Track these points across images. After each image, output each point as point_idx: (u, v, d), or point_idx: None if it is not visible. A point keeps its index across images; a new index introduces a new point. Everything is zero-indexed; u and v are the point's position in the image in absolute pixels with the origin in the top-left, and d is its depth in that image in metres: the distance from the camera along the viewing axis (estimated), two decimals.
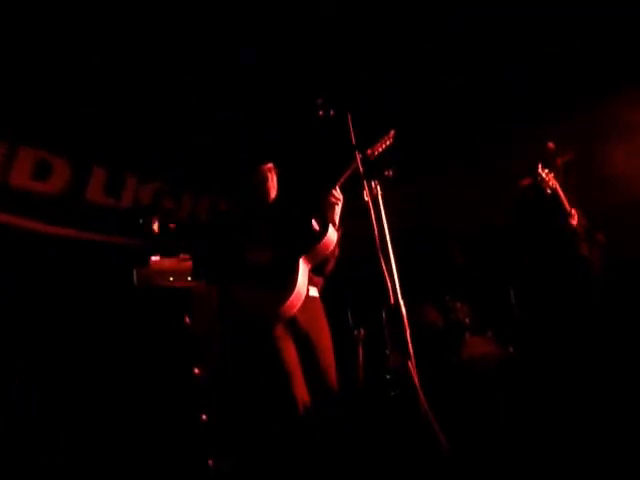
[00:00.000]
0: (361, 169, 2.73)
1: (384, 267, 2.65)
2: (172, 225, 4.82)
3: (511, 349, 5.52)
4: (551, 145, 4.64)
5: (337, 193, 3.44)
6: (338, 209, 3.48)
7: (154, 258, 4.49)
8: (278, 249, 3.38)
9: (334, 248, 3.51)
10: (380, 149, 3.35)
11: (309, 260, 3.41)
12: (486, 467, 3.59)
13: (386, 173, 2.91)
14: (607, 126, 5.88)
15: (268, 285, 3.30)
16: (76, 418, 4.12)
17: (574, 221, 4.64)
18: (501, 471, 3.61)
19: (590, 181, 5.44)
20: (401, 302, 2.66)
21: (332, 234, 3.45)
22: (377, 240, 2.66)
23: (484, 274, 5.85)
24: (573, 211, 4.66)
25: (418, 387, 2.63)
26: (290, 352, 3.29)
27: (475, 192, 5.99)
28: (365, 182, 2.74)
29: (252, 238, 3.43)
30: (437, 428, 2.60)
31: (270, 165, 3.63)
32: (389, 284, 2.65)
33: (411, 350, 2.64)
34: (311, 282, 3.47)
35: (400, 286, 2.67)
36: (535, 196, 4.70)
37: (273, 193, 3.64)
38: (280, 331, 3.31)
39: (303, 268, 3.36)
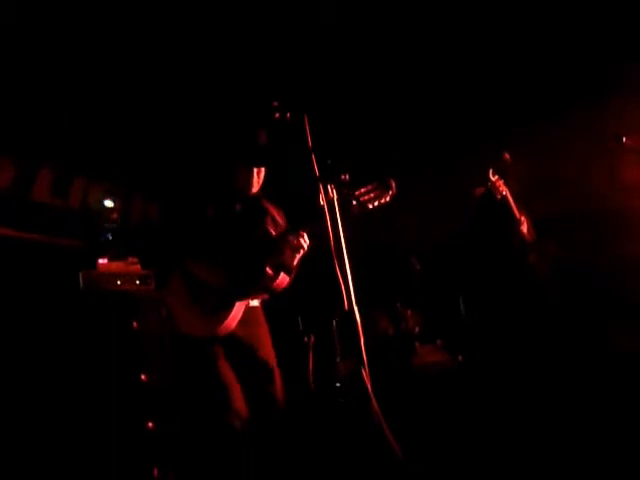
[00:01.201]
0: (317, 172, 2.69)
1: (339, 272, 2.61)
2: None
3: (460, 358, 5.57)
4: (506, 155, 4.70)
5: (303, 240, 3.34)
6: (299, 255, 3.39)
7: (101, 261, 4.38)
8: (225, 277, 3.32)
9: (283, 289, 3.48)
10: (375, 201, 3.26)
11: (252, 296, 3.41)
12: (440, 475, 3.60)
13: (342, 177, 2.88)
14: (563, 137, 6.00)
15: (202, 305, 3.26)
16: (15, 424, 3.97)
17: (523, 228, 4.72)
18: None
19: (543, 190, 5.54)
20: (355, 309, 2.63)
21: (283, 280, 3.42)
22: (332, 245, 2.62)
23: (436, 283, 5.89)
24: (522, 218, 4.73)
25: (371, 395, 2.60)
26: (226, 367, 3.26)
27: (432, 201, 6.03)
28: (321, 185, 2.70)
29: (204, 250, 3.35)
30: (390, 437, 2.58)
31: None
32: (343, 290, 2.62)
33: (365, 358, 2.60)
34: (254, 297, 3.47)
35: (354, 293, 2.64)
36: (486, 203, 4.75)
37: (255, 189, 3.54)
38: (218, 348, 3.28)
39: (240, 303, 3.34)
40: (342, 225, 2.65)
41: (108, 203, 5.31)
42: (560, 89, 5.96)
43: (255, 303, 3.50)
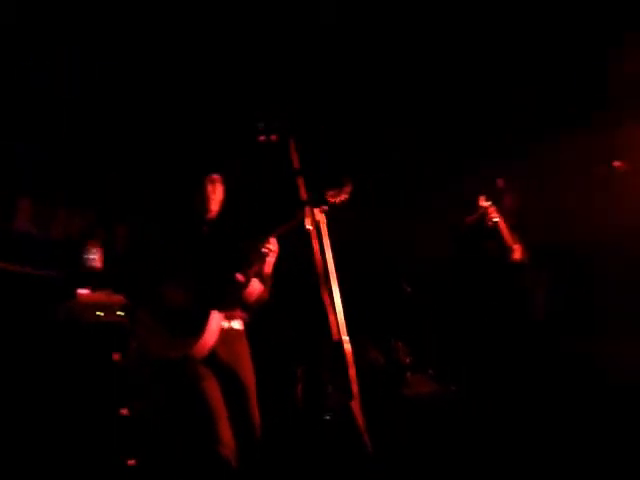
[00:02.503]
0: (304, 195, 2.59)
1: (327, 301, 2.50)
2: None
3: (453, 388, 5.46)
4: (500, 182, 4.65)
5: (272, 245, 3.24)
6: (271, 260, 3.30)
7: (81, 291, 4.26)
8: (194, 293, 3.21)
9: (258, 298, 3.37)
10: (333, 200, 3.21)
11: (225, 308, 3.28)
12: None
13: (331, 200, 2.78)
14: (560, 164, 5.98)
15: (173, 327, 3.16)
16: None
17: (516, 255, 4.64)
18: None
19: (541, 218, 5.49)
20: (345, 339, 2.51)
21: (255, 288, 3.31)
22: (320, 271, 2.51)
23: (426, 312, 5.81)
24: (515, 246, 4.66)
25: (362, 429, 2.47)
26: (213, 391, 3.12)
27: (424, 228, 5.97)
28: (307, 209, 2.60)
29: (170, 271, 3.25)
30: (382, 470, 2.45)
31: (215, 176, 3.41)
32: (332, 319, 2.50)
33: (355, 390, 2.48)
34: (233, 317, 3.33)
35: (345, 321, 2.52)
36: (477, 231, 4.69)
37: (215, 207, 3.43)
38: (202, 370, 3.15)
39: (216, 315, 3.22)
40: (330, 250, 2.54)
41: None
42: (557, 114, 5.94)
43: (237, 325, 3.37)
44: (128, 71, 5.05)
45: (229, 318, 3.31)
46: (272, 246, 3.22)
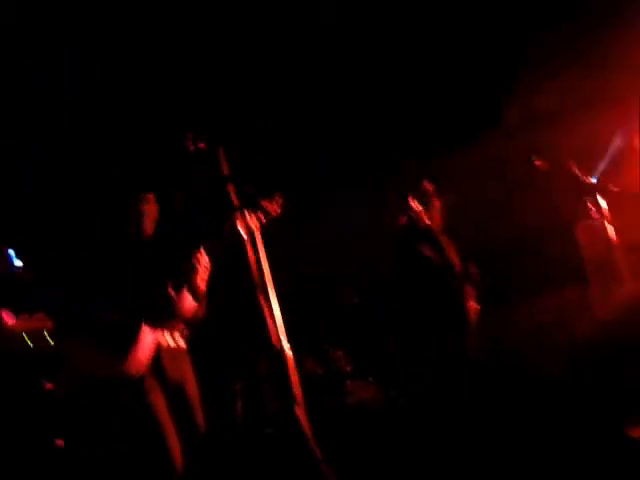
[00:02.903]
0: (236, 202, 2.57)
1: (265, 309, 2.49)
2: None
3: (393, 394, 5.51)
4: (426, 185, 4.72)
5: (202, 257, 3.18)
6: (204, 275, 3.22)
7: (8, 318, 4.09)
8: (126, 310, 3.14)
9: (193, 314, 3.31)
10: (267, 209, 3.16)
11: (157, 324, 3.22)
12: None
13: (265, 206, 2.77)
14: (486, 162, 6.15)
15: (107, 346, 3.08)
16: None
17: (449, 255, 4.71)
18: None
19: (467, 218, 5.60)
20: (286, 346, 2.50)
21: (189, 302, 3.26)
22: (256, 279, 2.50)
23: (366, 318, 5.85)
24: (448, 246, 4.74)
25: (307, 434, 2.46)
26: (160, 405, 3.07)
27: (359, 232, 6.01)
28: (240, 217, 2.58)
29: (105, 291, 3.17)
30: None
31: (148, 195, 3.31)
32: (271, 327, 2.49)
33: (299, 396, 2.48)
34: (174, 333, 3.29)
35: (284, 328, 2.51)
36: (409, 232, 4.74)
37: (149, 226, 3.33)
38: (149, 383, 3.09)
39: (148, 331, 3.16)
40: (265, 258, 2.54)
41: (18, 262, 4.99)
42: (478, 114, 6.11)
43: (181, 342, 3.32)
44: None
45: (171, 334, 3.25)
46: (202, 259, 3.17)
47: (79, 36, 4.90)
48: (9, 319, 4.08)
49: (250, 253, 2.54)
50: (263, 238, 2.64)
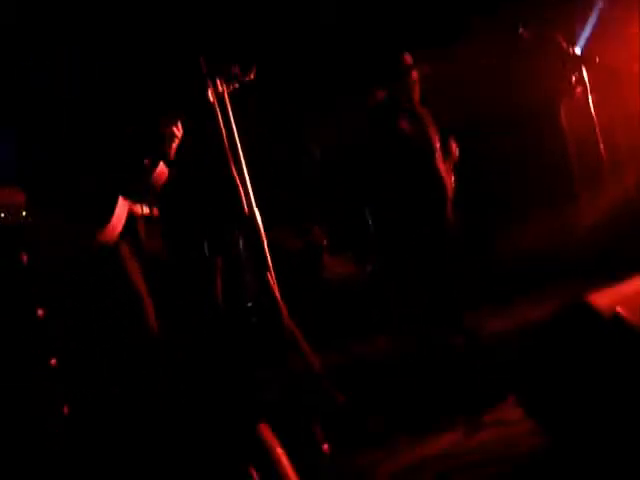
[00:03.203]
0: (204, 68, 2.48)
1: (235, 175, 2.46)
2: None
3: (369, 268, 5.59)
4: (407, 57, 4.56)
5: (176, 128, 3.10)
6: (175, 144, 3.17)
7: None
8: (100, 179, 3.14)
9: (163, 182, 3.30)
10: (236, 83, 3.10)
11: (133, 193, 3.21)
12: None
13: (233, 70, 2.68)
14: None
15: (83, 216, 3.10)
16: None
17: (429, 131, 4.63)
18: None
19: (444, 95, 5.48)
20: (256, 212, 2.49)
21: (162, 171, 3.23)
22: (226, 145, 2.45)
23: (342, 193, 5.83)
24: (427, 121, 4.65)
25: (279, 300, 2.50)
26: (136, 272, 3.13)
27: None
28: (209, 81, 2.50)
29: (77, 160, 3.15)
30: (306, 348, 2.51)
31: None
32: (242, 193, 2.47)
33: (269, 262, 2.49)
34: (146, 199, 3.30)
35: (254, 196, 2.49)
36: (388, 107, 4.63)
37: None
38: (124, 250, 3.13)
39: (122, 200, 3.15)
40: (235, 123, 2.47)
41: None
42: None
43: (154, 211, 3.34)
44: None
45: (145, 202, 3.28)
46: (177, 130, 3.13)
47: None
48: None
49: (219, 119, 2.47)
50: (234, 106, 2.57)
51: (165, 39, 2.90)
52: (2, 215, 4.05)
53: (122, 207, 3.11)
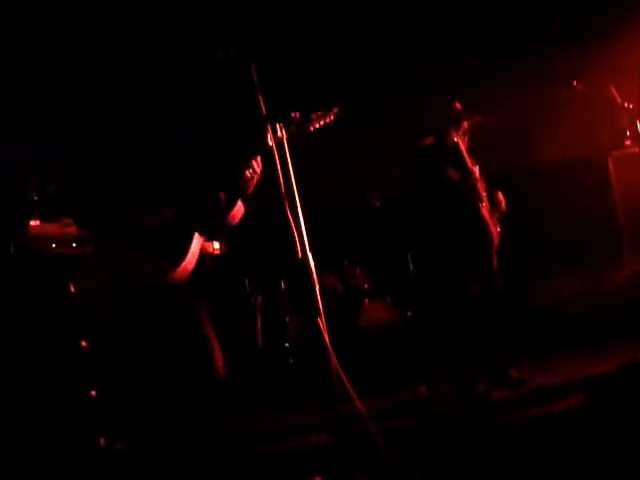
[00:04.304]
0: (263, 111, 2.51)
1: (291, 219, 2.47)
2: (52, 186, 4.46)
3: (409, 313, 5.55)
4: (457, 105, 4.58)
5: (256, 164, 3.05)
6: (254, 181, 3.11)
7: (33, 223, 4.13)
8: (175, 215, 3.08)
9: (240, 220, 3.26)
10: (316, 124, 3.05)
11: (208, 230, 3.15)
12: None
13: (292, 115, 2.72)
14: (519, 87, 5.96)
15: (154, 252, 3.01)
16: None
17: (476, 179, 4.62)
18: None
19: (493, 145, 5.48)
20: (310, 257, 2.50)
21: (240, 209, 3.20)
22: (282, 189, 2.48)
23: (385, 238, 5.83)
24: (475, 169, 4.64)
25: (329, 345, 2.49)
26: (203, 312, 3.08)
27: (385, 151, 5.92)
28: (269, 125, 2.53)
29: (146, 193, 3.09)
30: (350, 389, 2.48)
31: None
32: (296, 237, 2.48)
33: (321, 307, 2.49)
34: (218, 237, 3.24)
35: (309, 240, 2.50)
36: (437, 154, 4.64)
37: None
38: (192, 290, 3.06)
39: (198, 238, 3.09)
40: (293, 168, 2.50)
41: None
42: (504, 39, 5.92)
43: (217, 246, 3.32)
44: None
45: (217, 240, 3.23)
46: (257, 166, 3.06)
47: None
48: (34, 224, 4.11)
49: (277, 163, 2.50)
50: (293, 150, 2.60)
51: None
52: (53, 245, 4.14)
53: (197, 244, 3.08)
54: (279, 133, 2.56)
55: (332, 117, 3.08)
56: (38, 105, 4.96)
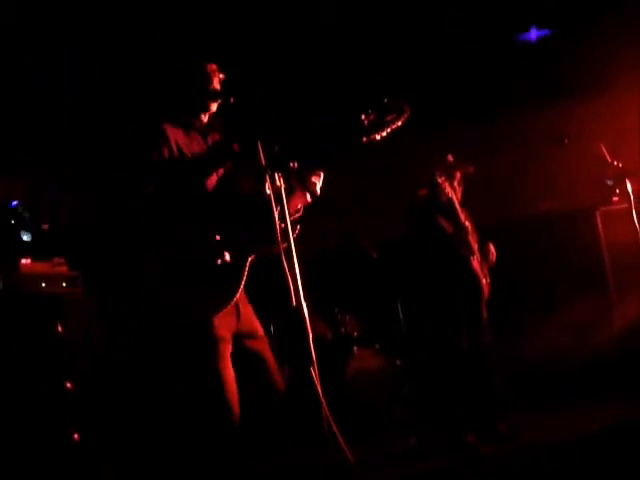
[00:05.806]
0: (262, 160, 2.53)
1: (285, 266, 2.48)
2: (45, 226, 4.46)
3: (398, 362, 5.52)
4: (450, 157, 4.64)
5: (318, 179, 2.96)
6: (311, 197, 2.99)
7: (24, 261, 4.11)
8: (222, 238, 2.78)
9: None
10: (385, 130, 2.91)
11: (261, 254, 2.87)
12: None
13: (290, 165, 2.74)
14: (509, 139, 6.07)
15: (200, 282, 2.72)
16: None
17: (468, 232, 4.66)
18: None
19: (487, 195, 5.55)
20: (304, 305, 2.50)
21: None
22: (278, 234, 2.49)
23: (375, 286, 5.83)
24: (467, 223, 4.68)
25: (320, 394, 2.48)
26: (228, 357, 2.84)
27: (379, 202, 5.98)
28: (267, 174, 2.55)
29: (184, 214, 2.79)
30: (340, 439, 2.46)
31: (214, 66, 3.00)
32: (291, 286, 2.48)
33: (314, 355, 2.48)
34: None
35: (303, 288, 2.51)
36: (429, 205, 4.68)
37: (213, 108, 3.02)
38: (222, 331, 2.80)
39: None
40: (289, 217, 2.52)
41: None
42: (495, 92, 6.04)
43: None
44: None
45: None
46: (319, 181, 2.97)
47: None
48: (25, 261, 4.10)
49: (274, 211, 2.52)
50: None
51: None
52: (43, 284, 4.12)
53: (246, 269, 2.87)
54: (277, 182, 2.56)
55: (404, 120, 2.94)
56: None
